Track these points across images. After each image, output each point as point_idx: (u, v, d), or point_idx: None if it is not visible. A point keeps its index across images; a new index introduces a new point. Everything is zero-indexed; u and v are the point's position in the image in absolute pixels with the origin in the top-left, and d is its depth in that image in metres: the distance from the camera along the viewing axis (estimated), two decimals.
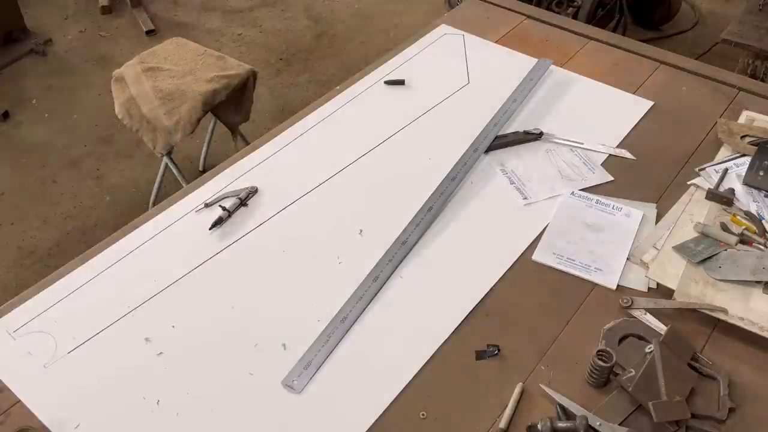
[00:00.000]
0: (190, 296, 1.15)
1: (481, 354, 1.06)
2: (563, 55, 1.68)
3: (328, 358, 1.05)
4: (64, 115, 3.02)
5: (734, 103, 1.53)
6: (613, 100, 1.55)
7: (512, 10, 1.84)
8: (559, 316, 1.11)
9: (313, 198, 1.32)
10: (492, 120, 1.48)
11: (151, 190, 2.54)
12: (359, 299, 1.13)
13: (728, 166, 1.35)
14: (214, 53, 2.40)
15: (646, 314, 1.10)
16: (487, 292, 1.15)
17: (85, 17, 3.63)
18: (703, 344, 1.07)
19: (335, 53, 3.40)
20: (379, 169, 1.38)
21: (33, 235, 2.49)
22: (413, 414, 0.99)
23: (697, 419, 0.96)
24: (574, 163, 1.39)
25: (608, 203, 1.29)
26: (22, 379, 1.03)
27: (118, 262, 1.20)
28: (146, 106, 2.18)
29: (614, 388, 1.00)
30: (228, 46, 3.42)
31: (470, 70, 1.64)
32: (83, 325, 1.10)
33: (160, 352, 1.07)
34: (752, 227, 1.21)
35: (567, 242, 1.22)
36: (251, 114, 2.42)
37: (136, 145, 2.82)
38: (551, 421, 0.94)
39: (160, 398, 1.01)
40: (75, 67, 3.30)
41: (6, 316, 1.12)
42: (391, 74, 1.62)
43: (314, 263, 1.20)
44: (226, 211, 1.27)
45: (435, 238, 1.24)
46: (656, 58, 1.66)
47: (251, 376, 1.03)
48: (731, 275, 1.13)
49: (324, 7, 3.73)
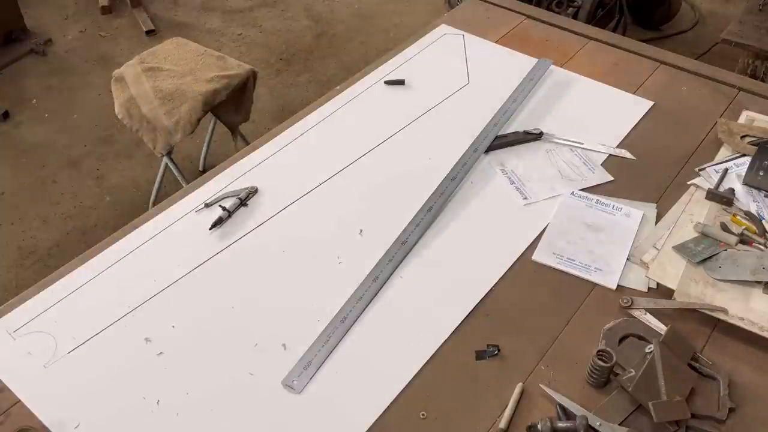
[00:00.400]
0: (190, 296, 1.15)
1: (481, 354, 1.06)
2: (563, 55, 1.68)
3: (328, 358, 1.05)
4: (64, 115, 3.02)
5: (734, 103, 1.53)
6: (613, 100, 1.55)
7: (512, 10, 1.84)
8: (559, 316, 1.11)
9: (313, 198, 1.32)
10: (492, 120, 1.48)
11: (151, 190, 2.54)
12: (359, 299, 1.13)
13: (728, 166, 1.35)
14: (214, 53, 2.40)
15: (646, 314, 1.10)
16: (487, 292, 1.15)
17: (85, 17, 3.63)
18: (703, 344, 1.07)
19: (335, 53, 3.40)
20: (379, 169, 1.38)
21: (33, 235, 2.49)
22: (413, 414, 0.99)
23: (697, 419, 0.96)
24: (574, 163, 1.39)
25: (608, 203, 1.29)
26: (22, 379, 1.03)
27: (118, 262, 1.20)
28: (146, 106, 2.18)
29: (614, 388, 1.00)
30: (228, 46, 3.42)
31: (470, 70, 1.64)
32: (83, 325, 1.10)
33: (160, 352, 1.07)
34: (752, 227, 1.21)
35: (567, 242, 1.22)
36: (251, 114, 2.42)
37: (136, 145, 2.82)
38: (551, 421, 0.94)
39: (160, 398, 1.01)
40: (75, 67, 3.30)
41: (6, 316, 1.12)
42: (391, 74, 1.62)
43: (314, 263, 1.20)
44: (226, 211, 1.27)
45: (435, 238, 1.24)
46: (656, 58, 1.66)
47: (251, 376, 1.03)
48: (731, 275, 1.13)
49: (324, 7, 3.73)
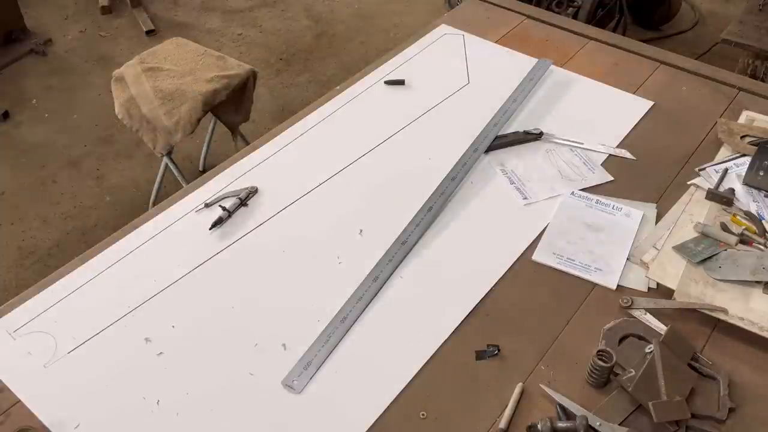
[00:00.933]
0: (190, 296, 1.15)
1: (481, 354, 1.06)
2: (563, 55, 1.68)
3: (328, 358, 1.05)
4: (64, 115, 3.02)
5: (734, 103, 1.53)
6: (613, 100, 1.55)
7: (512, 10, 1.84)
8: (559, 316, 1.11)
9: (313, 198, 1.32)
10: (492, 120, 1.48)
11: (151, 190, 2.54)
12: (359, 299, 1.13)
13: (728, 166, 1.35)
14: (214, 53, 2.40)
15: (646, 314, 1.10)
16: (487, 292, 1.15)
17: (85, 17, 3.63)
18: (703, 344, 1.07)
19: (335, 53, 3.40)
20: (379, 169, 1.38)
21: (33, 235, 2.49)
22: (413, 414, 0.99)
23: (697, 419, 0.96)
24: (574, 163, 1.39)
25: (608, 203, 1.29)
26: (22, 379, 1.03)
27: (118, 262, 1.20)
28: (146, 106, 2.18)
29: (614, 388, 1.00)
30: (228, 46, 3.42)
31: (470, 70, 1.64)
32: (83, 325, 1.10)
33: (160, 352, 1.07)
34: (752, 227, 1.21)
35: (567, 242, 1.22)
36: (251, 114, 2.42)
37: (136, 145, 2.82)
38: (551, 421, 0.94)
39: (160, 398, 1.01)
40: (75, 67, 3.30)
41: (6, 316, 1.12)
42: (391, 74, 1.62)
43: (314, 263, 1.20)
44: (226, 211, 1.27)
45: (435, 238, 1.24)
46: (656, 58, 1.66)
47: (251, 376, 1.03)
48: (731, 275, 1.13)
49: (324, 7, 3.73)
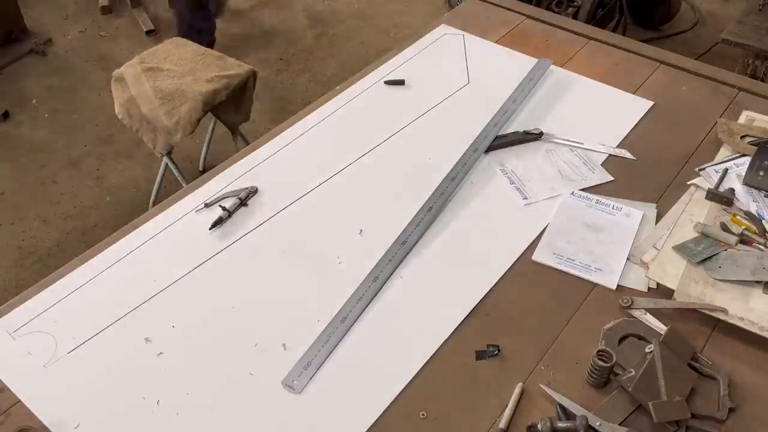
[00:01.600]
0: (190, 296, 1.15)
1: (481, 354, 1.06)
2: (563, 55, 1.68)
3: (328, 358, 1.05)
4: (64, 115, 3.02)
5: (734, 103, 1.53)
6: (613, 100, 1.55)
7: (512, 10, 1.84)
8: (559, 316, 1.11)
9: (313, 198, 1.32)
10: (492, 120, 1.48)
11: (151, 190, 2.54)
12: (359, 299, 1.13)
13: (728, 166, 1.35)
14: (214, 53, 2.40)
15: (646, 314, 1.10)
16: (487, 292, 1.15)
17: (85, 17, 3.63)
18: (703, 344, 1.07)
19: (335, 53, 3.40)
20: (379, 169, 1.38)
21: (33, 235, 2.49)
22: (413, 414, 0.99)
23: (697, 419, 0.96)
24: (574, 163, 1.39)
25: (608, 203, 1.29)
26: (22, 379, 1.03)
27: (118, 262, 1.20)
28: (146, 106, 2.18)
29: (614, 388, 1.00)
30: (228, 46, 3.42)
31: (470, 70, 1.64)
32: (83, 325, 1.10)
33: (160, 352, 1.07)
34: (752, 227, 1.21)
35: (567, 242, 1.22)
36: (251, 114, 2.42)
37: (136, 145, 2.82)
38: (551, 421, 0.94)
39: (160, 398, 1.01)
40: (75, 67, 3.30)
41: (6, 316, 1.12)
42: (391, 74, 1.62)
43: (314, 263, 1.20)
44: (226, 211, 1.27)
45: (435, 238, 1.24)
46: (656, 58, 1.66)
47: (251, 376, 1.03)
48: (731, 275, 1.13)
49: (324, 7, 3.73)
